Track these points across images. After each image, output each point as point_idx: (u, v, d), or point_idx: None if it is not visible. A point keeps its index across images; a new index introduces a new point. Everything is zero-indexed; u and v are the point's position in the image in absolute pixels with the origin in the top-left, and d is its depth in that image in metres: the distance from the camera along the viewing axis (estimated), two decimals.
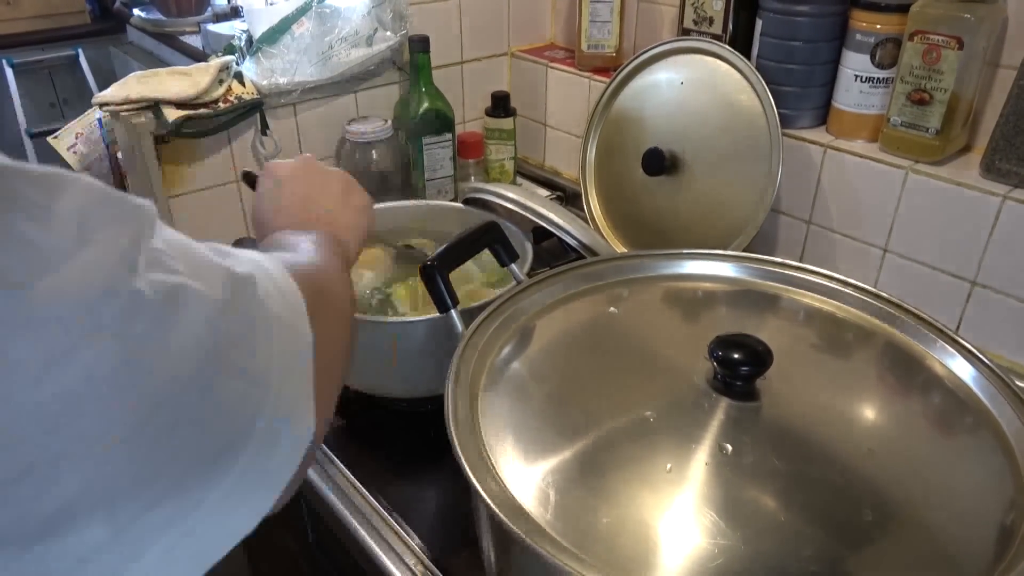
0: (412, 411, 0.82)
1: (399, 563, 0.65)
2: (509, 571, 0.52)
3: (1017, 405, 0.53)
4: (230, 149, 1.05)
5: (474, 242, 0.68)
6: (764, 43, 0.93)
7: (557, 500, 0.48)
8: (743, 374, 0.54)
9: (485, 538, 0.54)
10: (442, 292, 0.63)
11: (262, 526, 0.33)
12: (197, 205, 1.04)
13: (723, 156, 0.94)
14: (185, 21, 1.53)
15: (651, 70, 1.01)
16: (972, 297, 0.83)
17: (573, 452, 0.52)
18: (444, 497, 0.73)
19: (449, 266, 0.65)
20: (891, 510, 0.48)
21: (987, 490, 0.49)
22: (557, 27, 1.34)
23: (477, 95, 1.30)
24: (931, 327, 0.61)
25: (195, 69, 1.02)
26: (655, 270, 0.71)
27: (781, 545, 0.45)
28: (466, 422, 0.53)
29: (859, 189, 0.89)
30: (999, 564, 0.43)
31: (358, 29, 1.07)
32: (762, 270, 0.70)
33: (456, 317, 0.63)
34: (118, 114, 0.97)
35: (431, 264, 0.63)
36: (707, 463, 0.50)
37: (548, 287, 0.68)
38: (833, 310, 0.66)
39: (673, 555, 0.45)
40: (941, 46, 0.79)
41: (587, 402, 0.57)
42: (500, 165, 1.27)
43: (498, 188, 0.89)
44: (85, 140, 1.19)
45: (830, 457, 0.52)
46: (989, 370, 0.57)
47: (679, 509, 0.47)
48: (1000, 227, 0.79)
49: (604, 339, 0.65)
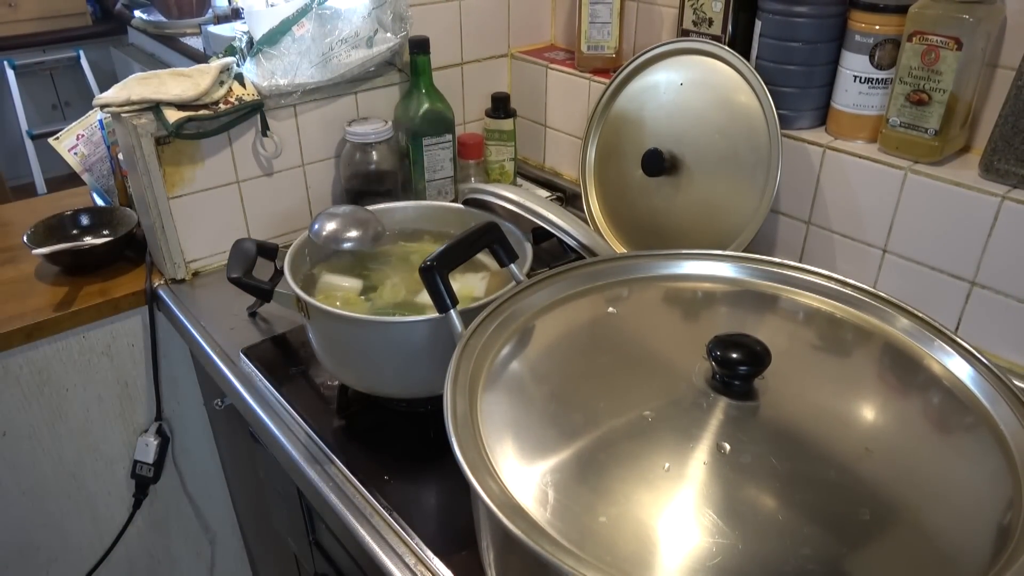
0: (412, 411, 0.82)
1: (399, 562, 0.65)
2: (509, 570, 0.53)
3: (1015, 405, 0.53)
4: (231, 150, 1.05)
5: (473, 242, 0.68)
6: (763, 44, 0.93)
7: (556, 499, 0.48)
8: (741, 374, 0.55)
9: (484, 537, 0.54)
10: (441, 292, 0.63)
11: (262, 524, 0.33)
12: (198, 206, 1.05)
13: (723, 157, 0.94)
14: (186, 23, 1.54)
15: (651, 71, 1.02)
16: (971, 297, 0.83)
17: (572, 451, 0.52)
18: (444, 496, 0.73)
19: (448, 266, 0.65)
20: (889, 509, 0.48)
21: (985, 490, 0.49)
22: (557, 28, 1.34)
23: (477, 96, 1.30)
24: (929, 327, 0.61)
25: (196, 71, 1.03)
26: (654, 270, 0.72)
27: (779, 544, 0.45)
28: (465, 422, 0.53)
29: (858, 190, 0.90)
30: (996, 563, 0.43)
31: (358, 31, 1.07)
32: (761, 270, 0.70)
33: (455, 317, 0.63)
34: (119, 115, 0.97)
35: (430, 264, 0.63)
36: (706, 462, 0.50)
37: (548, 287, 0.68)
38: (832, 310, 0.66)
39: (672, 554, 0.45)
40: (940, 47, 0.79)
41: (586, 402, 0.57)
42: (500, 166, 1.27)
43: (498, 189, 0.89)
44: (86, 141, 1.19)
45: (828, 456, 0.52)
46: (988, 370, 0.57)
47: (678, 508, 0.47)
48: (999, 227, 0.79)
49: (603, 339, 0.65)
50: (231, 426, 1.12)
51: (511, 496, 0.47)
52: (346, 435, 0.79)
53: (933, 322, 0.62)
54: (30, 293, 1.06)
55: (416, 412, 0.82)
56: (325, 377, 0.87)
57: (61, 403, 1.09)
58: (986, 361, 0.57)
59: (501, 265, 0.72)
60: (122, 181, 1.17)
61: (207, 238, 1.07)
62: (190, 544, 1.31)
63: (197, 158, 1.03)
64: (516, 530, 0.44)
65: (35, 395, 1.06)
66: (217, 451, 1.27)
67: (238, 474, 1.23)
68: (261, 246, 0.89)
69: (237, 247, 0.88)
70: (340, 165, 1.16)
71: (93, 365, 1.10)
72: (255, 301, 0.99)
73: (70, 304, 1.04)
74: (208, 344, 0.95)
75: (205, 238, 1.07)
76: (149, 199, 1.01)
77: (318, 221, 0.84)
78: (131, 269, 1.11)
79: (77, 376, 1.09)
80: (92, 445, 1.14)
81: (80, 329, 1.06)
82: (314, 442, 0.78)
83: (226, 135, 1.04)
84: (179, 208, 1.03)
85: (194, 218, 1.05)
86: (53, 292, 1.06)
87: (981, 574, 0.43)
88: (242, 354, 0.91)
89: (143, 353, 1.13)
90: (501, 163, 1.27)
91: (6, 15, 3.05)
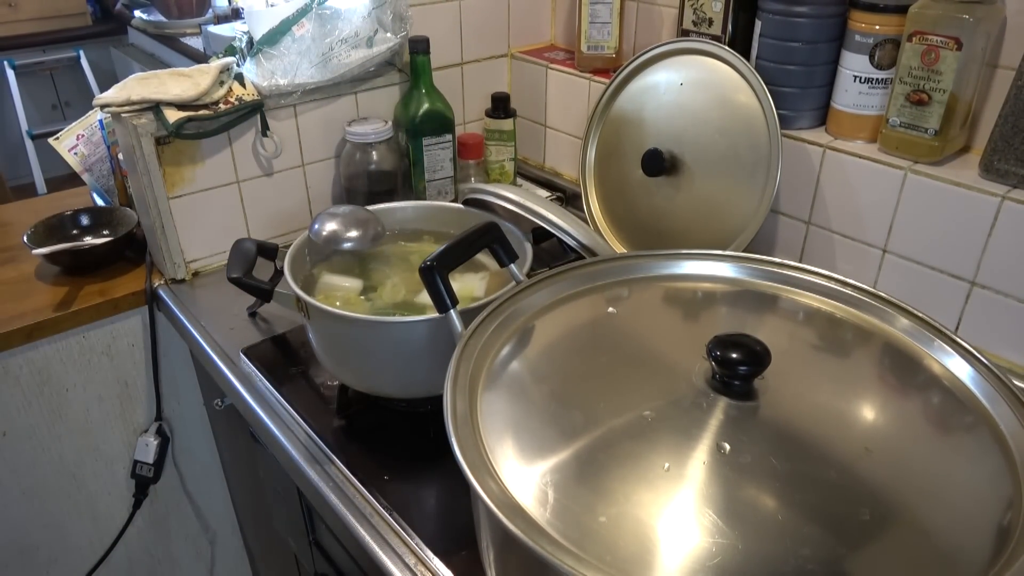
0: (411, 411, 0.82)
1: (398, 562, 0.65)
2: (509, 570, 0.53)
3: (1015, 405, 0.53)
4: (231, 150, 1.05)
5: (473, 242, 0.68)
6: (763, 44, 0.93)
7: (556, 499, 0.48)
8: (741, 373, 0.55)
9: (484, 537, 0.54)
10: (441, 292, 0.63)
11: (262, 524, 0.33)
12: (198, 206, 1.05)
13: (723, 157, 0.94)
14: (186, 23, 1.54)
15: (651, 71, 1.02)
16: (971, 297, 0.83)
17: (572, 451, 0.52)
18: (443, 496, 0.73)
19: (448, 266, 0.65)
20: (889, 509, 0.48)
21: (985, 489, 0.49)
22: (557, 28, 1.34)
23: (477, 96, 1.30)
24: (929, 327, 0.61)
25: (196, 71, 1.03)
26: (654, 270, 0.72)
27: (779, 544, 0.45)
28: (465, 422, 0.53)
29: (858, 190, 0.89)
30: (996, 563, 0.43)
31: (358, 31, 1.07)
32: (761, 270, 0.70)
33: (455, 317, 0.63)
34: (119, 115, 0.97)
35: (430, 264, 0.63)
36: (705, 462, 0.50)
37: (548, 287, 0.68)
38: (832, 310, 0.66)
39: (671, 554, 0.45)
40: (940, 47, 0.79)
41: (586, 402, 0.57)
42: (500, 166, 1.27)
43: (498, 189, 0.89)
44: (86, 141, 1.19)
45: (828, 456, 0.52)
46: (988, 370, 0.57)
47: (677, 508, 0.47)
48: (999, 227, 0.79)
49: (603, 339, 0.65)
50: (231, 426, 1.12)
51: (511, 496, 0.47)
52: (346, 435, 0.79)
53: (933, 322, 0.62)
54: (30, 293, 1.06)
55: (416, 412, 0.82)
56: (325, 377, 0.87)
57: (61, 403, 1.09)
58: (986, 361, 0.57)
59: (501, 265, 0.72)
60: (122, 181, 1.17)
61: (207, 238, 1.08)
62: (190, 544, 1.31)
63: (197, 158, 1.03)
64: (515, 530, 0.44)
65: (35, 395, 1.07)
66: (217, 451, 1.27)
67: (238, 474, 1.23)
68: (261, 246, 0.89)
69: (237, 247, 0.88)
70: (340, 165, 1.16)
71: (93, 365, 1.10)
72: (255, 301, 0.99)
73: (70, 304, 1.04)
74: (208, 344, 0.95)
75: (205, 238, 1.07)
76: (149, 199, 1.01)
77: (318, 221, 0.84)
78: (131, 269, 1.11)
79: (77, 376, 1.09)
80: (92, 445, 1.14)
81: (80, 329, 1.06)
82: (314, 442, 0.78)
83: (226, 135, 1.04)
84: (179, 208, 1.03)
85: (194, 218, 1.05)
86: (53, 292, 1.06)
87: (981, 574, 0.43)
88: (242, 354, 0.91)
89: (143, 353, 1.13)
90: (501, 163, 1.27)
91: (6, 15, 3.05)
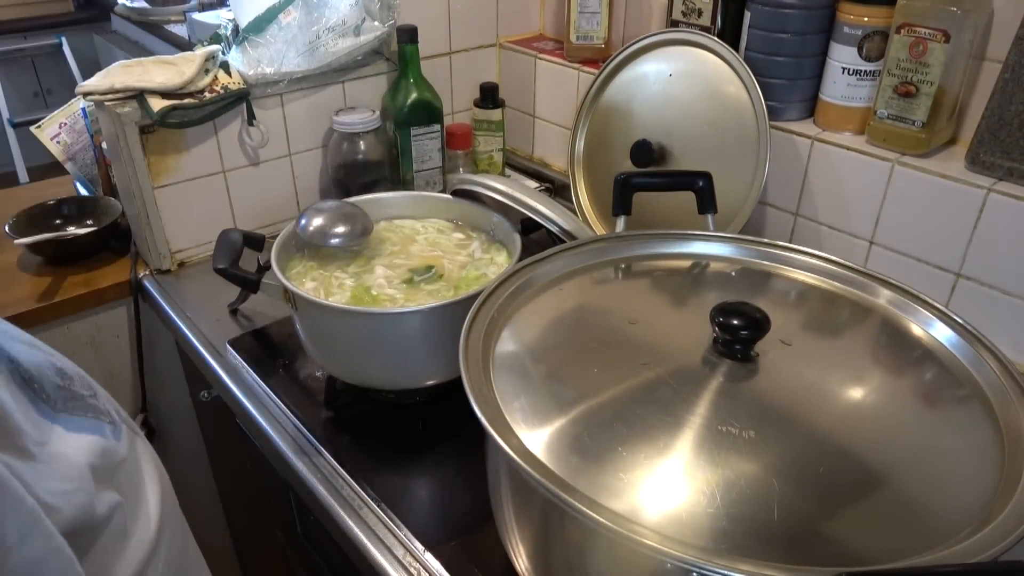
0: (400, 403, 0.82)
1: (387, 554, 0.65)
2: (529, 527, 0.54)
3: (1007, 378, 0.55)
4: (216, 140, 1.04)
5: (677, 178, 0.79)
6: (752, 35, 0.93)
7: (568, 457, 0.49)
8: (743, 338, 0.57)
9: (504, 495, 0.55)
10: (618, 200, 0.76)
11: (250, 517, 0.33)
12: (183, 196, 1.03)
13: (711, 148, 0.94)
14: (170, 10, 1.52)
15: (640, 62, 1.01)
16: (957, 288, 0.84)
17: (570, 420, 0.52)
18: (432, 488, 0.73)
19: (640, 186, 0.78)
20: (880, 477, 0.49)
21: (974, 458, 0.51)
22: (546, 18, 1.34)
23: (465, 86, 1.29)
24: (923, 302, 0.63)
25: (180, 58, 1.01)
26: (652, 248, 0.74)
27: (771, 509, 0.46)
28: (480, 380, 0.53)
29: (846, 181, 0.90)
30: (983, 528, 0.44)
31: (345, 19, 1.06)
32: (756, 250, 0.72)
33: (620, 223, 0.76)
34: (103, 104, 0.96)
35: (625, 177, 0.77)
36: (703, 428, 0.51)
37: (562, 259, 0.69)
38: (826, 287, 0.67)
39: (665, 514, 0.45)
40: (928, 39, 0.80)
41: (586, 375, 0.58)
42: (489, 156, 1.27)
43: (486, 179, 0.89)
44: (69, 130, 1.18)
45: (823, 425, 0.53)
46: (979, 343, 0.59)
47: (674, 471, 0.48)
48: (985, 219, 0.80)
49: (605, 316, 0.66)
50: (217, 418, 1.11)
51: (530, 451, 0.48)
52: (334, 427, 0.79)
53: (926, 298, 0.63)
54: (12, 284, 1.05)
55: (405, 404, 0.82)
56: (313, 368, 0.86)
57: None
58: (980, 335, 0.60)
59: (700, 212, 0.78)
60: (106, 170, 1.15)
61: (193, 228, 1.06)
62: None
63: (182, 147, 1.01)
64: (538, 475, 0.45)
65: None
66: (204, 443, 1.27)
67: (225, 467, 1.23)
68: (248, 236, 0.88)
69: (223, 237, 0.87)
70: (327, 155, 1.15)
71: (77, 357, 1.08)
72: (236, 298, 0.98)
73: (53, 295, 1.03)
74: (194, 335, 0.94)
75: (191, 228, 1.06)
76: (133, 188, 1.00)
77: (304, 217, 0.84)
78: (115, 259, 1.10)
79: None
80: None
81: (64, 320, 1.05)
82: (302, 434, 0.78)
83: (211, 124, 1.03)
84: (164, 198, 1.02)
85: (179, 208, 1.04)
86: (36, 283, 1.05)
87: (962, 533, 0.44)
88: (228, 345, 0.90)
89: (128, 344, 1.12)
90: (490, 153, 1.26)
91: None
